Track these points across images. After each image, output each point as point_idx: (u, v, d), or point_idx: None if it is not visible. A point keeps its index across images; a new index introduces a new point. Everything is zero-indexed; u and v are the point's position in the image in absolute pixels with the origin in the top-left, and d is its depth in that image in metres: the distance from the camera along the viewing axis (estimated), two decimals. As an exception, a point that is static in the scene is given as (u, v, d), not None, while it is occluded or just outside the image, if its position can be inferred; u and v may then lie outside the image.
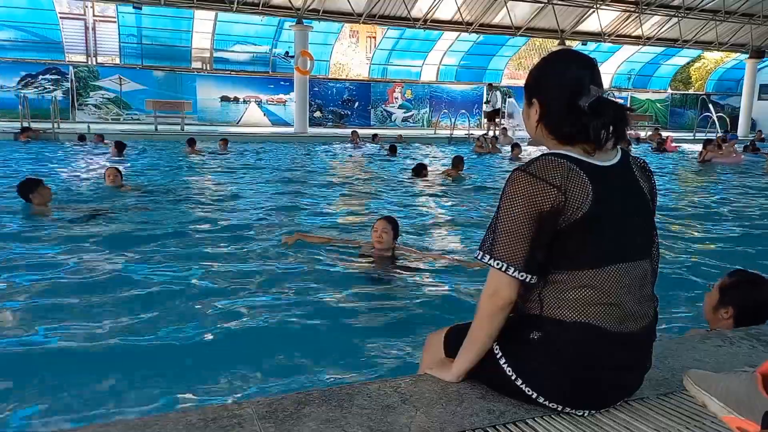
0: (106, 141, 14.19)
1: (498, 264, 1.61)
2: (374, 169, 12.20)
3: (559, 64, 1.71)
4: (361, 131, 18.54)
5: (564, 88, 1.65)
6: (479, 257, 1.67)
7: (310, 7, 19.23)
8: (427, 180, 10.19)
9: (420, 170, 10.41)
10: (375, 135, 18.01)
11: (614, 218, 1.64)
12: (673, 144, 18.88)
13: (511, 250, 1.60)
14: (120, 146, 12.25)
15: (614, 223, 1.64)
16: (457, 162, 10.75)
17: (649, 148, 18.41)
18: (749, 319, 2.51)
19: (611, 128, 1.64)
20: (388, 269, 4.54)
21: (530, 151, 14.66)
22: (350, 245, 5.07)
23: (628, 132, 1.78)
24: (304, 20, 19.38)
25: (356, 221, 6.74)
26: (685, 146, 19.72)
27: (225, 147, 14.34)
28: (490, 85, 22.42)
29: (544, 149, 1.75)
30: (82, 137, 14.62)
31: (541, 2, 21.26)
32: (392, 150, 14.72)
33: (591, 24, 23.31)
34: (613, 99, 1.71)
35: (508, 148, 16.10)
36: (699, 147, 16.12)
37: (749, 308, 2.52)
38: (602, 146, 1.66)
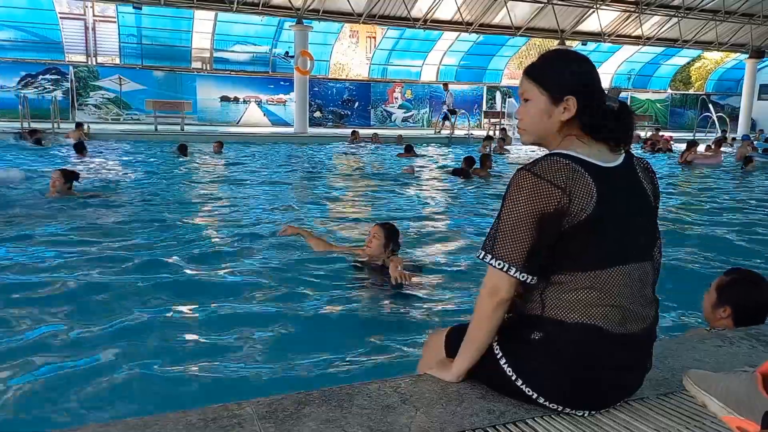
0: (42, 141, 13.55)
1: (499, 264, 1.62)
2: (385, 169, 12.09)
3: (588, 65, 1.74)
4: (361, 131, 18.56)
5: (598, 89, 1.70)
6: (480, 257, 1.67)
7: (310, 7, 19.22)
8: (450, 180, 10.23)
9: (471, 166, 10.55)
10: (375, 134, 17.99)
11: (618, 220, 1.65)
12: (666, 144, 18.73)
13: (513, 250, 1.60)
14: (79, 147, 11.67)
15: (617, 225, 1.64)
16: (485, 160, 10.85)
17: (640, 147, 18.12)
18: (748, 317, 2.50)
19: (626, 130, 1.71)
20: (379, 276, 4.31)
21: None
22: (348, 252, 4.89)
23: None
24: (304, 20, 19.37)
25: (359, 226, 6.68)
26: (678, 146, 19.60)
27: (219, 149, 13.89)
28: (445, 84, 22.36)
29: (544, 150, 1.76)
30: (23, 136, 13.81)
31: (541, 2, 21.25)
32: (408, 150, 14.64)
33: (591, 24, 23.30)
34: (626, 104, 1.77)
35: (511, 148, 16.10)
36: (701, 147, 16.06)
37: (747, 307, 2.51)
38: (621, 147, 1.71)
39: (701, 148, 15.59)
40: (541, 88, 1.70)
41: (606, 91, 1.72)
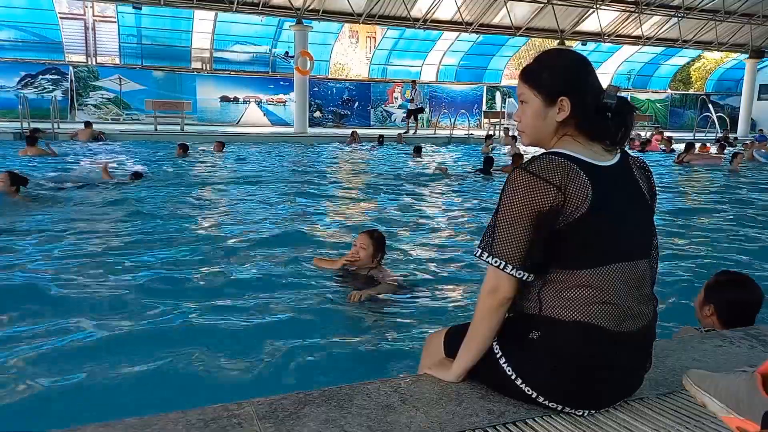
0: None
1: (496, 261, 1.62)
2: (401, 171, 12.00)
3: (583, 64, 1.74)
4: (360, 131, 18.54)
5: (594, 88, 1.70)
6: (478, 254, 1.67)
7: (310, 7, 19.23)
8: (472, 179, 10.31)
9: (491, 165, 10.70)
10: (381, 136, 17.98)
11: (613, 218, 1.65)
12: (655, 143, 18.68)
13: (510, 248, 1.61)
14: (31, 140, 11.10)
15: (613, 223, 1.65)
16: (517, 159, 10.98)
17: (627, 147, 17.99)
18: (733, 317, 2.55)
19: (624, 129, 1.70)
20: (367, 284, 4.13)
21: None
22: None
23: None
24: (303, 20, 19.37)
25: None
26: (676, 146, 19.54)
27: (220, 150, 13.78)
28: (413, 82, 22.40)
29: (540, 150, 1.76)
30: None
31: (541, 2, 21.26)
32: (417, 151, 14.50)
33: (591, 24, 23.31)
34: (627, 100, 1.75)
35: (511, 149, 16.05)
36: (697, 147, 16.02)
37: (729, 306, 2.57)
38: (618, 145, 1.72)
39: (696, 147, 15.57)
40: (535, 89, 1.71)
41: (604, 89, 1.71)
